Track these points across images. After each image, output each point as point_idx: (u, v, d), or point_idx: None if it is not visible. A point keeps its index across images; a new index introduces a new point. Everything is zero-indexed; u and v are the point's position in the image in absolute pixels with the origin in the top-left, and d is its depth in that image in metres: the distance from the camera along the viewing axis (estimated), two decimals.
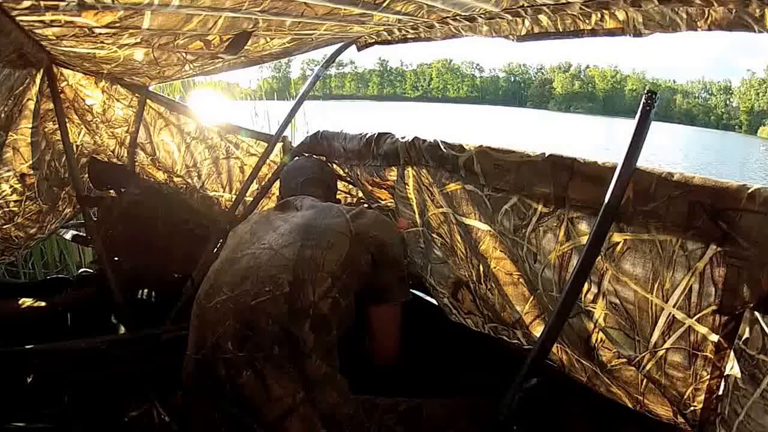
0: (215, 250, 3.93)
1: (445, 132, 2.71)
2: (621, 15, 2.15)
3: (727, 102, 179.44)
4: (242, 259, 2.36)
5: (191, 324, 2.35)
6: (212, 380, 2.10)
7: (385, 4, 2.27)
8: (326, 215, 2.48)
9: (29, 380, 3.10)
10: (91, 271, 4.47)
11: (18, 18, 2.05)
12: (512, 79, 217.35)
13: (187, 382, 2.26)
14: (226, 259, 2.45)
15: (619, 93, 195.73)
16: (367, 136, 2.98)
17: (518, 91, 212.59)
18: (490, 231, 2.39)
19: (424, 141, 2.61)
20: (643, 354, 1.88)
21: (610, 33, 2.27)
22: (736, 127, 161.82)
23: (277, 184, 3.82)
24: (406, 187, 2.82)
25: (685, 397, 1.82)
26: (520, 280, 2.37)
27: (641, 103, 1.76)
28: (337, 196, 3.31)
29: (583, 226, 1.97)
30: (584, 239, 1.94)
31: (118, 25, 2.20)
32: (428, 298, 3.03)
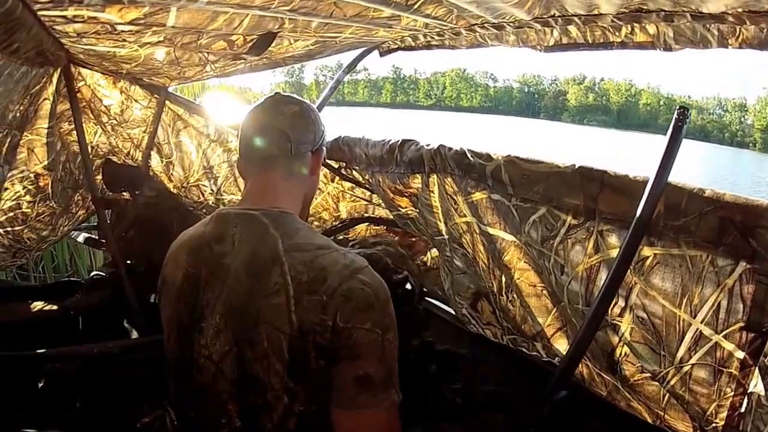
0: None
1: (460, 141, 2.69)
2: (652, 29, 2.16)
3: (742, 119, 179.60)
4: (192, 370, 1.84)
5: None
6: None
7: (416, 6, 2.29)
8: (259, 273, 1.72)
9: (40, 384, 3.11)
10: (103, 274, 4.46)
11: (39, 12, 2.04)
12: (526, 90, 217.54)
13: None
14: (178, 358, 1.91)
15: (634, 107, 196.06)
16: (390, 143, 2.96)
17: (532, 102, 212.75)
18: (515, 242, 2.40)
19: (450, 149, 2.60)
20: (668, 369, 1.89)
21: (640, 46, 2.27)
22: (750, 144, 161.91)
23: None
24: (431, 194, 2.81)
25: (708, 413, 1.83)
26: (544, 292, 2.37)
27: (673, 119, 1.77)
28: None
29: (613, 239, 1.98)
30: (613, 252, 1.97)
31: (142, 21, 2.22)
32: (446, 308, 3.02)
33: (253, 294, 1.70)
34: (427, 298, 3.18)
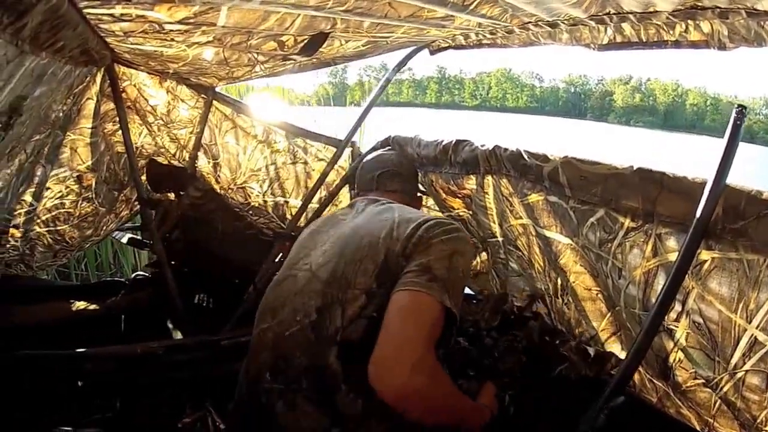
0: (277, 258, 3.97)
1: (506, 142, 2.68)
2: (706, 27, 2.15)
3: None
4: (285, 282, 2.28)
5: (250, 342, 2.32)
6: (256, 406, 2.09)
7: (472, 6, 2.31)
8: (375, 220, 2.25)
9: (80, 384, 3.14)
10: (146, 274, 4.51)
11: (85, 10, 2.06)
12: (572, 90, 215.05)
13: (239, 401, 2.28)
14: (276, 280, 2.38)
15: (680, 107, 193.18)
16: (443, 143, 2.97)
17: (578, 103, 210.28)
18: (571, 244, 2.41)
19: (506, 150, 2.62)
20: (722, 375, 1.89)
21: (694, 45, 2.26)
22: None
23: (345, 190, 3.83)
24: (486, 196, 2.83)
25: (758, 420, 1.83)
26: (599, 296, 2.38)
27: (731, 118, 1.77)
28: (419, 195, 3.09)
29: (671, 243, 1.99)
30: (671, 256, 1.97)
31: (191, 21, 2.26)
32: None
33: (364, 226, 2.24)
34: None
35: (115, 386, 3.25)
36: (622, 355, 2.31)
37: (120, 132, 4.18)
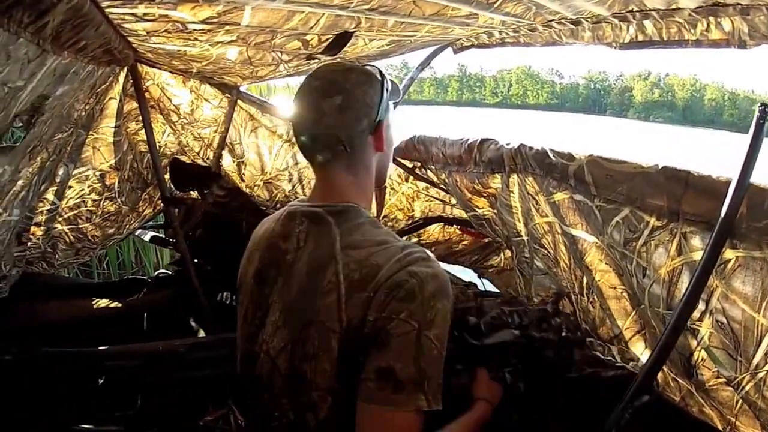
0: None
1: (528, 139, 2.68)
2: (727, 25, 2.17)
3: None
4: (249, 362, 1.92)
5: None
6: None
7: (496, 4, 2.34)
8: (317, 278, 1.73)
9: (101, 381, 3.17)
10: (169, 272, 4.60)
11: (108, 10, 2.09)
12: (592, 87, 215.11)
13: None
14: (242, 353, 1.99)
15: (699, 102, 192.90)
16: (468, 142, 3.00)
17: (598, 99, 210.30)
18: (596, 243, 2.42)
19: (531, 148, 2.64)
20: (743, 375, 1.88)
21: (715, 44, 2.28)
22: None
23: None
24: (511, 194, 2.84)
25: None
26: (624, 294, 2.39)
27: (755, 117, 1.77)
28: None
29: (696, 242, 1.99)
30: (696, 255, 1.98)
31: (215, 20, 2.30)
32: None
33: (308, 293, 1.72)
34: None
35: (136, 384, 3.29)
36: (647, 353, 2.33)
37: (143, 131, 4.25)
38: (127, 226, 4.78)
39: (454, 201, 3.47)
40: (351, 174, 1.90)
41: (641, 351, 2.37)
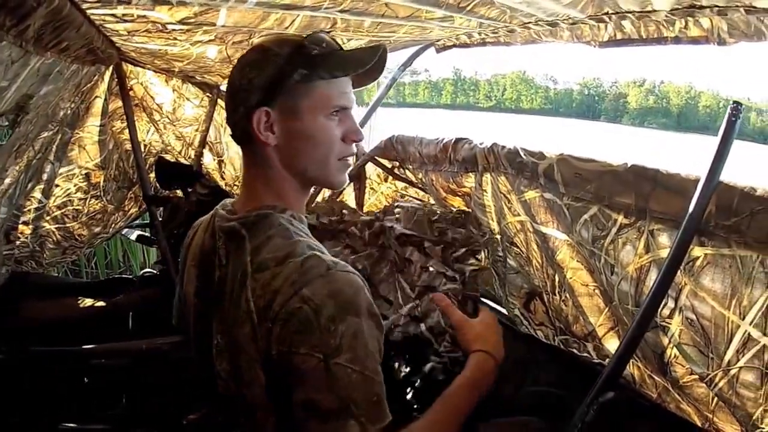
0: None
1: (520, 143, 2.69)
2: (705, 23, 2.16)
3: None
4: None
5: None
6: None
7: (468, 8, 2.33)
8: (237, 300, 1.57)
9: (86, 380, 3.18)
10: (154, 271, 4.59)
11: (88, 11, 2.09)
12: (586, 92, 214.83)
13: None
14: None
15: (693, 109, 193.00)
16: (444, 141, 3.00)
17: (592, 105, 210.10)
18: (567, 241, 2.42)
19: (503, 147, 2.64)
20: (716, 372, 1.89)
21: (694, 41, 2.27)
22: None
23: (349, 189, 3.85)
24: (484, 193, 2.85)
25: (755, 417, 1.83)
26: (596, 291, 2.39)
27: (726, 115, 1.78)
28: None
29: (664, 239, 2.00)
30: (663, 252, 1.98)
31: (192, 21, 2.29)
32: (499, 308, 3.01)
33: (232, 321, 1.57)
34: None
35: (121, 383, 3.29)
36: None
37: (128, 130, 4.23)
38: (113, 225, 4.80)
39: (432, 201, 3.47)
40: (260, 171, 1.66)
41: (615, 348, 2.34)
